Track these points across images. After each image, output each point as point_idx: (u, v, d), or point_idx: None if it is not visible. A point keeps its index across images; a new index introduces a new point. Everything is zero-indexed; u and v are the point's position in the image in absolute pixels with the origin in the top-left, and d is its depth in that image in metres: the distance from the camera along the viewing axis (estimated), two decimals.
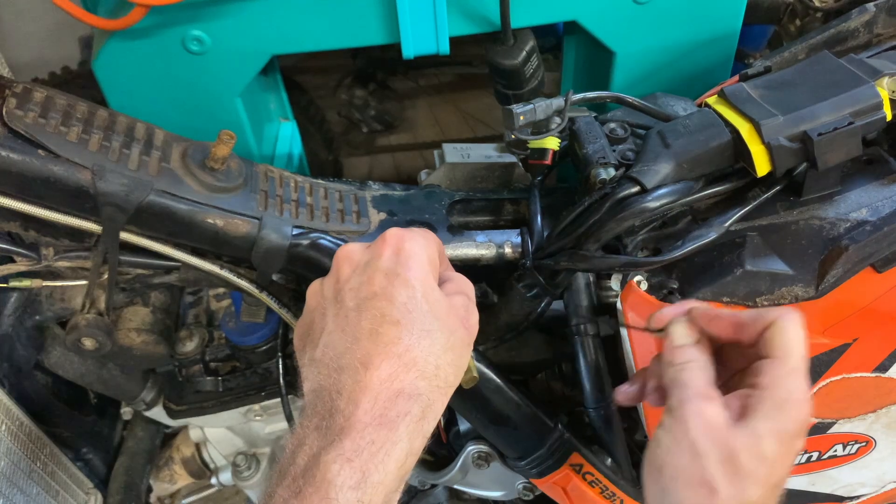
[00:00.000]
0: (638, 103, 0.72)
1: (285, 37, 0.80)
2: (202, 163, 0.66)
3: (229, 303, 0.89)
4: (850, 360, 0.66)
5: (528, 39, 0.83)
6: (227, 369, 0.90)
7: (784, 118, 0.60)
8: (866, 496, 0.82)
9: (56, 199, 0.62)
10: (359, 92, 1.36)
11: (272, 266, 0.68)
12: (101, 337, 0.74)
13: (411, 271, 0.54)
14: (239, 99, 0.85)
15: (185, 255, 0.69)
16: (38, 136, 0.60)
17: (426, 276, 0.54)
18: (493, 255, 0.73)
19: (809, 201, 0.64)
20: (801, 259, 0.63)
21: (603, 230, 0.64)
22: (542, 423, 0.75)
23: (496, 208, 0.81)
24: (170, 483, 1.12)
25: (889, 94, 0.61)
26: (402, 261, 0.54)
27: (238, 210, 0.66)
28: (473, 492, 0.90)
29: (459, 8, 0.80)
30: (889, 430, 0.74)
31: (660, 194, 0.63)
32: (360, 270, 0.55)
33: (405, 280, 0.53)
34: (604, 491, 0.77)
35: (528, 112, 0.69)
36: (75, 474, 0.99)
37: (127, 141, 0.66)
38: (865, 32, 0.73)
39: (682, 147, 0.63)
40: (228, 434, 1.02)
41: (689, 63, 0.88)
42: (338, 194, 0.75)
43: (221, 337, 0.89)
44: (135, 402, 0.91)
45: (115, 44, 0.78)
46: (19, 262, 0.70)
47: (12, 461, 0.84)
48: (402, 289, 0.53)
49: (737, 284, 0.64)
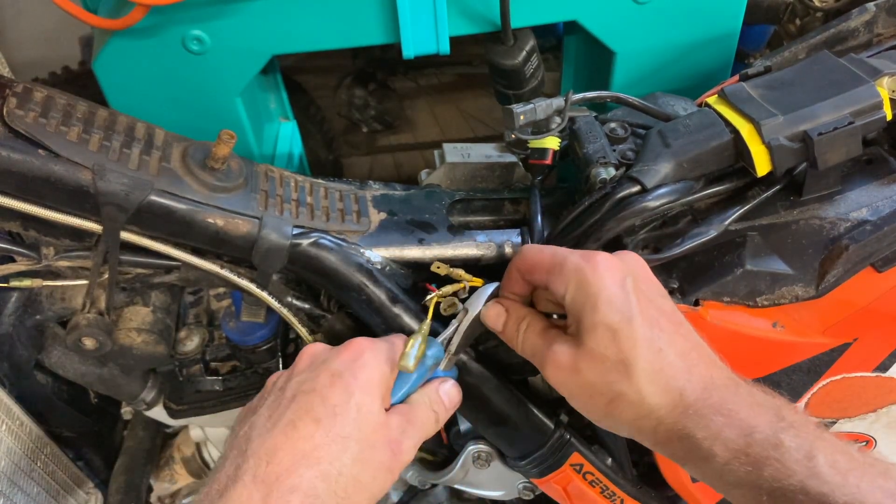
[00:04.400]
0: (638, 103, 0.72)
1: (285, 37, 0.80)
2: (202, 162, 0.66)
3: (229, 303, 0.89)
4: (851, 360, 0.66)
5: (528, 39, 0.83)
6: (227, 369, 0.90)
7: (784, 118, 0.60)
8: None
9: (56, 198, 0.63)
10: (359, 92, 1.36)
11: (272, 266, 0.69)
12: (102, 337, 0.74)
13: (356, 378, 0.54)
14: (239, 99, 0.85)
15: (186, 254, 0.69)
16: (39, 135, 0.60)
17: (370, 387, 0.55)
18: (493, 255, 0.73)
19: (809, 201, 0.64)
20: (801, 259, 0.63)
21: (603, 230, 0.64)
22: (542, 423, 0.75)
23: (496, 208, 0.81)
24: (170, 483, 1.12)
25: (889, 93, 0.61)
26: (354, 367, 0.55)
27: (238, 210, 0.66)
28: (474, 491, 0.90)
29: (459, 8, 0.80)
30: (889, 429, 0.74)
31: (660, 194, 0.63)
32: (314, 366, 0.56)
33: (346, 384, 0.54)
34: (604, 491, 0.77)
35: (529, 112, 0.69)
36: (75, 474, 0.99)
37: (127, 141, 0.66)
38: (865, 32, 0.73)
39: (683, 147, 0.63)
40: (229, 434, 1.02)
41: (689, 63, 0.88)
42: (338, 194, 0.75)
43: (222, 337, 0.89)
44: (135, 401, 0.90)
45: (115, 44, 0.78)
46: (19, 261, 0.70)
47: (13, 461, 0.84)
48: (339, 391, 0.53)
49: (737, 284, 0.64)
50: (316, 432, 0.51)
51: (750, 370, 0.67)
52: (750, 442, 0.49)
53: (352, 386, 0.54)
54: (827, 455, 0.48)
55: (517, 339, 0.61)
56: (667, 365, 0.52)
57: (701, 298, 0.65)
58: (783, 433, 0.49)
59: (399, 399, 0.59)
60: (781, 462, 0.48)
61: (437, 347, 0.63)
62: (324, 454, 0.51)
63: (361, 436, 0.53)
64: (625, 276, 0.54)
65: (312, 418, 0.52)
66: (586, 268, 0.54)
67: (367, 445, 0.53)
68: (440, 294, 0.65)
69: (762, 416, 0.50)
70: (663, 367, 0.52)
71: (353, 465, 0.52)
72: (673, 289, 0.65)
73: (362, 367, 0.56)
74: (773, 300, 0.64)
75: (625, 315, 0.52)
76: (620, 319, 0.52)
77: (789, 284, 0.64)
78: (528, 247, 0.61)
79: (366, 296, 0.69)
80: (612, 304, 0.53)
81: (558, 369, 0.56)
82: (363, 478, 0.53)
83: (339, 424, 0.52)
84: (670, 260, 0.64)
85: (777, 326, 0.64)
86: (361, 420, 0.53)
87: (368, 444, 0.53)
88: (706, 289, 0.64)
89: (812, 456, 0.47)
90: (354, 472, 0.52)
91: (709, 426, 0.50)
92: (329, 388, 0.54)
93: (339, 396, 0.53)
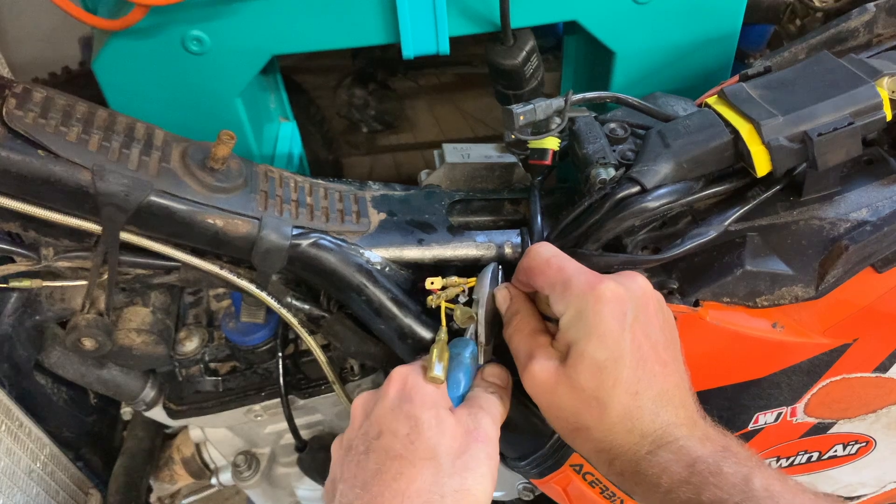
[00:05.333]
0: (638, 103, 0.72)
1: (285, 37, 0.80)
2: (202, 163, 0.66)
3: (229, 303, 0.89)
4: (851, 361, 0.66)
5: (528, 39, 0.83)
6: (227, 369, 0.90)
7: (784, 118, 0.60)
8: (866, 496, 0.82)
9: (56, 199, 0.62)
10: (359, 92, 1.36)
11: (272, 266, 0.68)
12: (101, 337, 0.74)
13: (413, 402, 0.55)
14: (239, 99, 0.85)
15: (185, 255, 0.69)
16: (38, 136, 0.60)
17: (428, 402, 0.55)
18: (493, 256, 0.73)
19: (809, 201, 0.64)
20: (801, 259, 0.63)
21: (603, 230, 0.64)
22: (542, 424, 0.75)
23: (496, 208, 0.81)
24: (170, 483, 1.12)
25: (889, 94, 0.61)
26: (406, 394, 0.56)
27: (238, 210, 0.66)
28: None
29: (459, 8, 0.80)
30: (889, 430, 0.74)
31: (660, 194, 0.63)
32: (368, 414, 0.57)
33: (407, 413, 0.54)
34: (604, 491, 0.77)
35: (528, 112, 0.69)
36: (75, 474, 0.99)
37: (127, 141, 0.66)
38: (865, 32, 0.73)
39: (682, 147, 0.63)
40: (228, 434, 1.02)
41: (689, 63, 0.88)
42: (338, 194, 0.75)
43: (221, 337, 0.89)
44: (135, 402, 0.90)
45: (115, 44, 0.78)
46: (19, 262, 0.70)
47: (12, 461, 0.84)
48: (404, 422, 0.54)
49: (737, 284, 0.64)
50: (404, 468, 0.51)
51: (750, 371, 0.67)
52: (692, 472, 0.51)
53: (412, 411, 0.54)
54: (762, 480, 0.50)
55: (507, 330, 0.61)
56: (637, 409, 0.53)
57: (701, 299, 0.65)
58: (724, 461, 0.52)
59: (459, 399, 0.60)
60: (719, 487, 0.50)
61: (469, 344, 0.63)
62: (420, 485, 0.51)
63: (444, 447, 0.53)
64: (625, 311, 0.54)
65: (393, 457, 0.52)
66: (589, 298, 0.54)
67: (453, 455, 0.53)
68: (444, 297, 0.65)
69: (708, 448, 0.53)
70: (633, 411, 0.53)
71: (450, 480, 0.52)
72: (673, 289, 0.65)
73: (414, 390, 0.56)
74: (772, 301, 0.64)
75: (613, 355, 0.53)
76: (608, 358, 0.53)
77: (789, 285, 0.64)
78: (536, 250, 0.60)
79: (365, 296, 0.69)
80: (605, 341, 0.53)
81: (535, 383, 0.56)
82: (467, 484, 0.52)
83: (421, 450, 0.52)
84: (670, 260, 0.64)
85: (777, 327, 0.64)
86: (437, 435, 0.53)
87: (454, 453, 0.53)
88: (706, 289, 0.64)
89: (749, 480, 0.50)
90: (454, 486, 0.52)
91: (659, 462, 0.53)
92: (394, 422, 0.54)
93: (406, 425, 0.53)
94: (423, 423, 0.53)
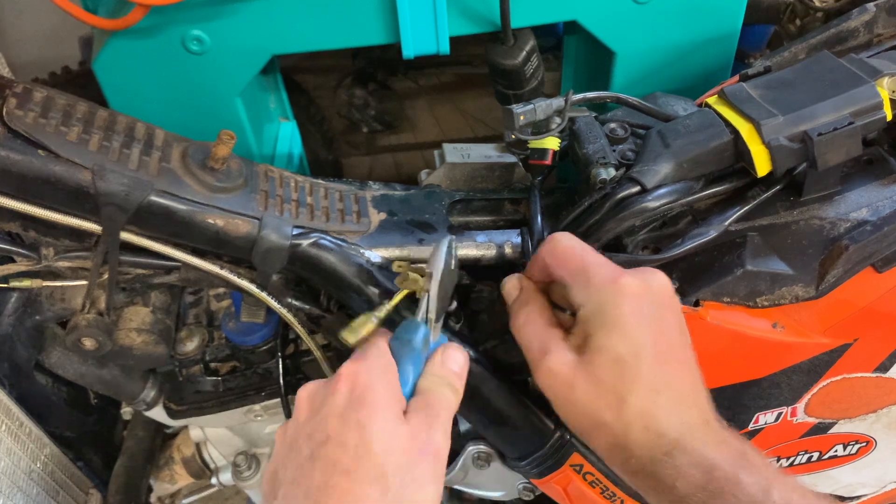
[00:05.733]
0: (638, 103, 0.72)
1: (285, 37, 0.80)
2: (202, 163, 0.66)
3: (229, 303, 0.89)
4: (851, 361, 0.66)
5: (528, 39, 0.83)
6: (227, 369, 0.90)
7: (784, 118, 0.60)
8: (866, 496, 0.82)
9: (56, 199, 0.62)
10: (359, 92, 1.36)
11: (272, 266, 0.68)
12: (101, 337, 0.74)
13: (363, 408, 0.51)
14: (239, 99, 0.85)
15: (186, 255, 0.69)
16: (39, 136, 0.60)
17: (382, 407, 0.52)
18: (493, 256, 0.73)
19: (809, 201, 0.64)
20: (801, 259, 0.63)
21: (603, 230, 0.64)
22: (542, 423, 0.75)
23: (496, 208, 0.81)
24: (170, 483, 1.12)
25: (889, 94, 0.61)
26: (357, 397, 0.52)
27: (238, 210, 0.66)
28: (474, 492, 0.90)
29: (459, 8, 0.80)
30: (889, 430, 0.74)
31: (660, 194, 0.63)
32: (315, 411, 0.53)
33: (357, 421, 0.51)
34: (604, 491, 0.77)
35: (529, 112, 0.69)
36: (75, 474, 0.99)
37: (127, 141, 0.66)
38: (865, 32, 0.73)
39: (682, 147, 0.63)
40: (229, 434, 1.02)
41: (689, 63, 0.88)
42: (338, 194, 0.75)
43: (221, 337, 0.89)
44: (135, 402, 0.90)
45: (115, 44, 0.78)
46: (19, 262, 0.70)
47: (12, 461, 0.84)
48: (354, 431, 0.50)
49: (737, 284, 0.64)
50: (352, 485, 0.49)
51: (750, 371, 0.67)
52: (710, 478, 0.51)
53: (362, 420, 0.51)
54: (782, 492, 0.50)
55: (517, 322, 0.60)
56: (656, 407, 0.53)
57: (701, 299, 0.65)
58: (742, 470, 0.51)
59: (410, 391, 0.57)
60: (737, 497, 0.50)
61: (421, 325, 0.59)
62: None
63: (393, 465, 0.50)
64: (646, 306, 0.54)
65: (341, 471, 0.49)
66: (610, 291, 0.54)
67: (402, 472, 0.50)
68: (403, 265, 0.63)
69: (725, 454, 0.52)
70: (651, 409, 0.53)
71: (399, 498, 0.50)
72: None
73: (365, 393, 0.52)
74: (773, 300, 0.64)
75: (634, 350, 0.53)
76: (628, 353, 0.53)
77: (789, 285, 0.64)
78: (559, 238, 0.59)
79: (366, 296, 0.69)
80: (626, 335, 0.53)
81: (551, 377, 0.55)
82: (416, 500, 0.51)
83: (370, 466, 0.49)
84: (670, 260, 0.64)
85: (777, 327, 0.64)
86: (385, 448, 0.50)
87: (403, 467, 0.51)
88: (706, 289, 0.64)
89: (768, 491, 0.49)
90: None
91: (675, 464, 0.52)
92: (343, 430, 0.51)
93: (356, 436, 0.50)
94: (374, 435, 0.50)
